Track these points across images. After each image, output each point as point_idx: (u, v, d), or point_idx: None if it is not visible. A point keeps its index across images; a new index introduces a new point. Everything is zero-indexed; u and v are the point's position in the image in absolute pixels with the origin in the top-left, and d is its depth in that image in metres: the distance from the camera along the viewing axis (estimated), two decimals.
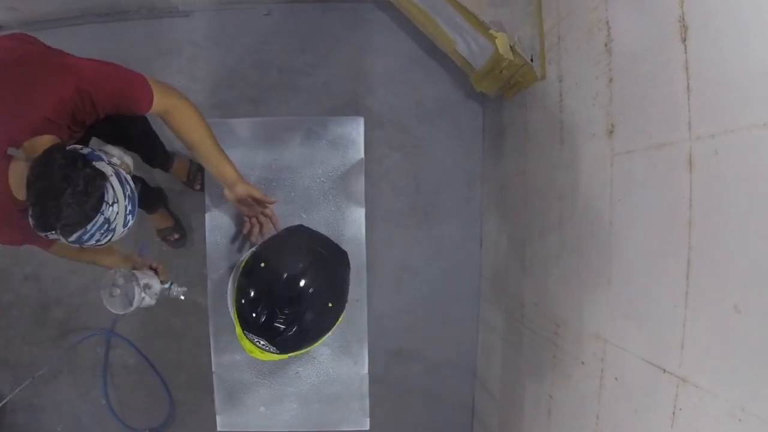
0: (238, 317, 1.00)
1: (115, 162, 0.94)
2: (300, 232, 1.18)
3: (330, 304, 1.03)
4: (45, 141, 0.91)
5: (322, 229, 1.30)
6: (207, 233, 1.31)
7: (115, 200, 0.88)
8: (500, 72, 1.55)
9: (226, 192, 1.18)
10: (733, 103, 0.73)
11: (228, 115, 2.02)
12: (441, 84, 2.05)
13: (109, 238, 0.91)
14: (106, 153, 0.94)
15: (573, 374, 1.23)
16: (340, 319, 1.11)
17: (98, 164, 0.87)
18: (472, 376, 2.12)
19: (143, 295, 1.15)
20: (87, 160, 0.85)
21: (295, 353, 1.05)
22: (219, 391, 1.32)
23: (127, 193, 0.91)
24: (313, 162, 1.31)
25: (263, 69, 2.03)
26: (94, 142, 1.34)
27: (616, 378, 1.04)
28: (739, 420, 0.71)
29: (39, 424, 2.10)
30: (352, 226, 1.31)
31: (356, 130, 1.31)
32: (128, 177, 0.94)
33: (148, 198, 1.84)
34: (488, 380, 1.96)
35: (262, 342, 0.99)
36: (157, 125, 1.47)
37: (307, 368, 1.32)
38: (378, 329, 2.06)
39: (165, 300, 1.27)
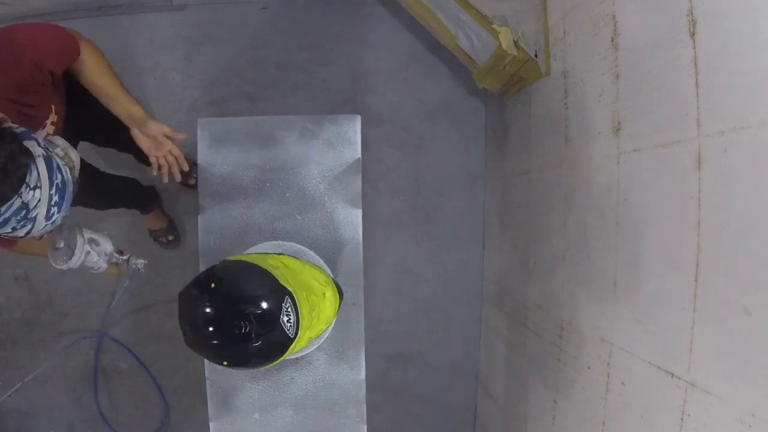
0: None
1: (58, 153, 0.89)
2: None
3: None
4: None
5: (318, 232, 1.30)
6: (200, 235, 1.31)
7: (38, 185, 0.80)
8: (503, 68, 1.55)
9: (135, 131, 1.19)
10: (743, 99, 0.73)
11: (223, 113, 2.02)
12: (442, 81, 2.04)
13: (27, 229, 0.83)
14: (50, 142, 0.90)
15: (578, 379, 1.22)
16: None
17: (28, 143, 0.81)
18: (474, 381, 2.12)
19: (87, 248, 1.13)
20: (15, 136, 0.79)
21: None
22: (212, 397, 1.31)
23: (55, 182, 0.83)
24: (308, 162, 1.31)
25: (259, 65, 2.03)
26: (83, 147, 1.35)
27: (622, 382, 1.04)
28: (750, 426, 0.71)
29: (30, 430, 2.10)
30: (348, 228, 1.31)
31: (353, 129, 1.31)
32: (63, 166, 0.87)
33: (142, 199, 1.84)
34: (491, 385, 1.96)
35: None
36: None
37: (302, 374, 1.32)
38: (376, 333, 2.06)
39: (158, 302, 1.27)
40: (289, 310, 0.95)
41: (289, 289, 0.97)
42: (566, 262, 1.31)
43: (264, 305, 0.91)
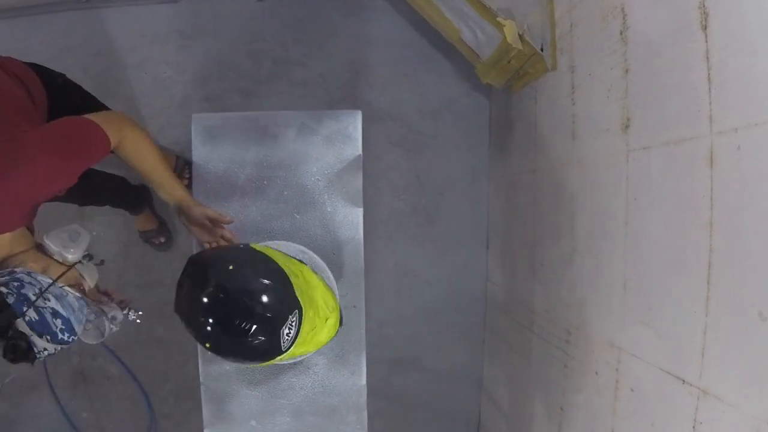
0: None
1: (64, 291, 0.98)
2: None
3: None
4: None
5: (317, 231, 1.30)
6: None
7: (47, 340, 0.92)
8: (508, 62, 1.55)
9: (183, 220, 1.19)
10: (757, 95, 0.73)
11: (217, 108, 2.02)
12: (445, 76, 2.05)
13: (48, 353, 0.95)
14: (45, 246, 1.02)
15: (586, 385, 1.22)
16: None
17: (20, 320, 0.88)
18: (478, 387, 2.12)
19: (111, 326, 1.22)
20: (8, 323, 0.87)
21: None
22: (207, 403, 1.31)
23: (55, 330, 0.93)
24: (307, 159, 1.31)
25: (255, 59, 2.03)
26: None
27: (631, 389, 1.04)
28: None
29: None
30: (348, 227, 1.31)
31: (353, 125, 1.31)
32: (66, 306, 0.97)
33: (130, 198, 1.84)
34: (495, 392, 1.96)
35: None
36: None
37: (300, 379, 1.32)
38: (377, 337, 2.06)
39: (149, 306, 1.28)
40: (293, 324, 0.95)
41: (301, 303, 0.97)
42: (573, 264, 1.31)
43: (273, 311, 0.91)
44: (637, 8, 1.03)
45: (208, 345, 0.91)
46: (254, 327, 0.89)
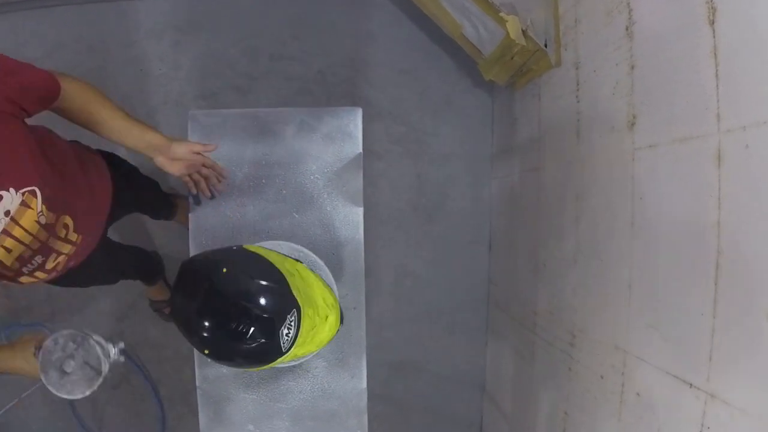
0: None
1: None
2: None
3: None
4: None
5: (317, 231, 1.30)
6: (191, 235, 1.31)
7: None
8: (511, 59, 1.55)
9: (161, 159, 1.09)
10: (766, 91, 0.73)
11: (214, 106, 2.02)
12: (446, 72, 2.05)
13: None
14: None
15: (590, 389, 1.22)
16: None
17: None
18: (480, 391, 2.12)
19: (105, 360, 1.00)
20: None
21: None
22: (203, 408, 1.31)
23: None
24: (306, 157, 1.31)
25: (252, 56, 2.03)
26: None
27: (637, 393, 1.04)
28: None
29: None
30: (349, 227, 1.31)
31: (353, 123, 1.31)
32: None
33: (147, 269, 1.83)
34: (498, 395, 1.96)
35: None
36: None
37: (299, 382, 1.32)
38: (378, 340, 2.06)
39: (141, 307, 1.27)
40: (292, 323, 0.95)
41: (299, 302, 0.97)
42: (578, 265, 1.31)
43: (270, 311, 0.91)
44: (643, 3, 1.03)
45: (206, 351, 0.91)
46: (252, 329, 0.88)
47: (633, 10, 1.06)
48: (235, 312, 0.89)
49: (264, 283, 0.94)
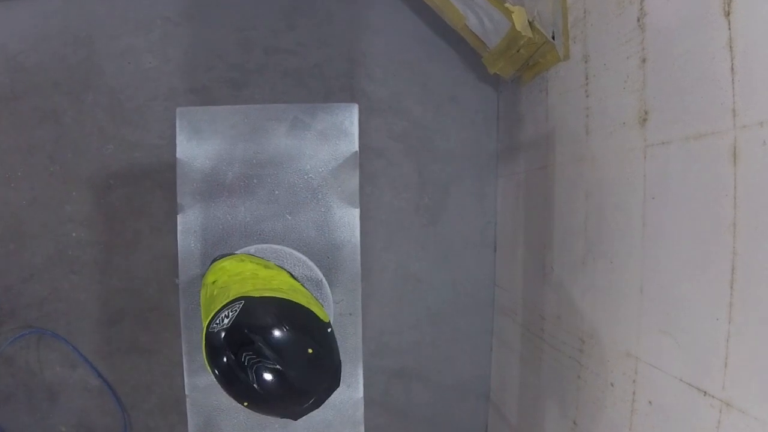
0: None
1: None
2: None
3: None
4: None
5: (311, 233, 1.30)
6: (179, 237, 1.30)
7: None
8: (517, 52, 1.55)
9: None
10: None
11: (205, 101, 2.02)
12: (449, 65, 2.04)
13: None
14: None
15: (601, 397, 1.22)
16: None
17: None
18: (485, 400, 2.12)
19: None
20: None
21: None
22: (193, 418, 1.31)
23: None
24: (300, 156, 1.30)
25: (246, 48, 2.03)
26: None
27: (650, 402, 1.04)
28: None
29: None
30: (344, 229, 1.31)
31: (349, 119, 1.31)
32: None
33: None
34: (503, 405, 1.96)
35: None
36: None
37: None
38: (377, 346, 2.06)
39: (131, 311, 1.26)
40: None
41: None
42: (587, 268, 1.31)
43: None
44: None
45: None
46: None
47: (645, 1, 1.06)
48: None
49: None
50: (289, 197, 1.30)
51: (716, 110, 0.85)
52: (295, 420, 1.01)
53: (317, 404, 1.00)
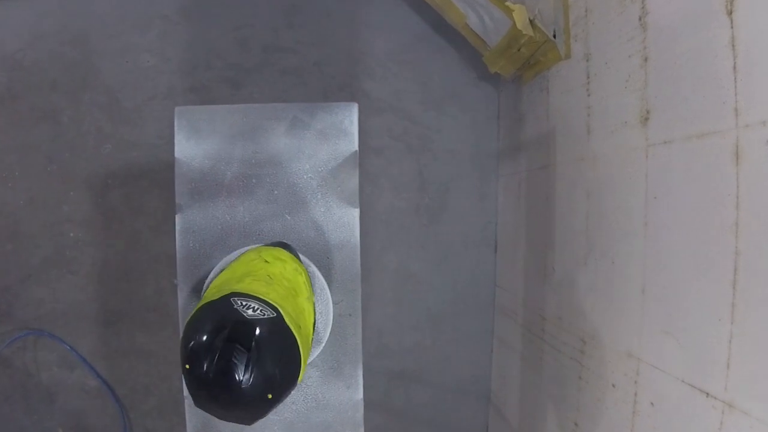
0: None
1: None
2: None
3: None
4: None
5: (310, 233, 1.30)
6: (178, 237, 1.30)
7: None
8: (518, 50, 1.55)
9: None
10: None
11: (204, 100, 2.02)
12: (450, 65, 2.04)
13: None
14: None
15: (602, 398, 1.22)
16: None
17: None
18: (486, 402, 2.12)
19: None
20: None
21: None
22: (191, 419, 1.31)
23: None
24: (299, 155, 1.30)
25: (244, 47, 2.03)
26: None
27: (651, 403, 1.04)
28: None
29: None
30: (344, 229, 1.31)
31: (349, 119, 1.31)
32: None
33: None
34: (504, 406, 1.96)
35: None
36: None
37: (293, 393, 1.31)
38: (377, 347, 2.06)
39: (128, 312, 1.26)
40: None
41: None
42: (588, 268, 1.31)
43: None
44: None
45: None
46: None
47: None
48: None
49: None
50: (288, 197, 1.30)
51: (718, 109, 0.85)
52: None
53: (226, 419, 0.98)
